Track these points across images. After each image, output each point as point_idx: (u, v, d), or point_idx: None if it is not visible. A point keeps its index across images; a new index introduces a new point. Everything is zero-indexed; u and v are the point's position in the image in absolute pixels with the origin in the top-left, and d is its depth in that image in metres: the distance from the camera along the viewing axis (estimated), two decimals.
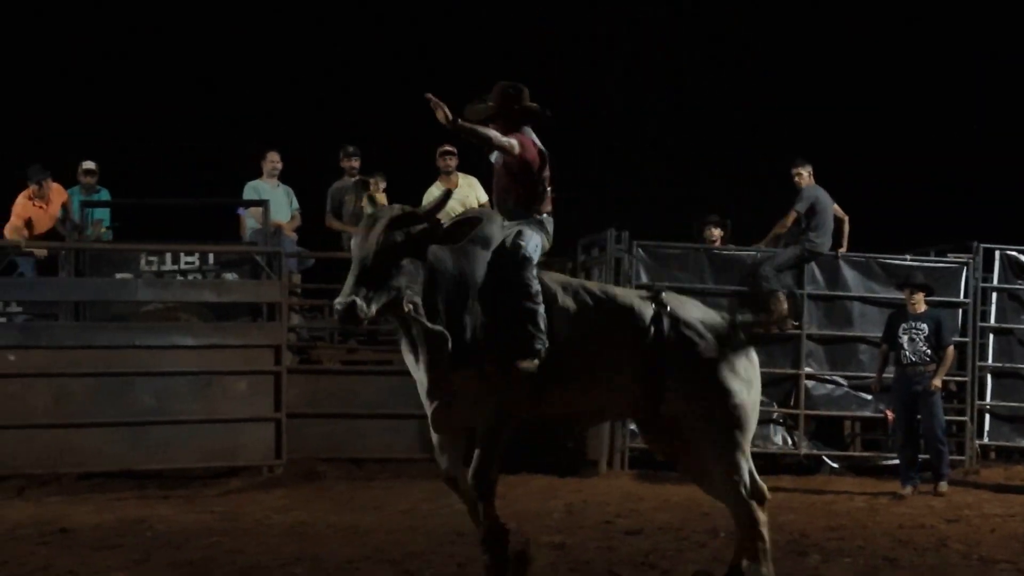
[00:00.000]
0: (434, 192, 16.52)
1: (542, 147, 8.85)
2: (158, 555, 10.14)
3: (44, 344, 14.98)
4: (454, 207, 16.19)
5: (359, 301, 7.53)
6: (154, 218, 17.68)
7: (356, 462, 15.32)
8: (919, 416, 14.30)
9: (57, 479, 14.31)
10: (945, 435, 14.66)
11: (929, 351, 14.15)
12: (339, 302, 7.61)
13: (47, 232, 16.50)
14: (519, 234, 8.56)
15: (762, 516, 8.31)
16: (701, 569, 9.55)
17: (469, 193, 16.86)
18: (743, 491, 8.33)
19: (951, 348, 14.55)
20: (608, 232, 16.04)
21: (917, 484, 14.12)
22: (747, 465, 8.45)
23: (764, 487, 8.40)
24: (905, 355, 14.23)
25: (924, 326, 14.19)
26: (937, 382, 14.35)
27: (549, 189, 8.95)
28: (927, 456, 14.39)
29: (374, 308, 7.61)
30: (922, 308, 14.39)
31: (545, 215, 8.92)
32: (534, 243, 8.60)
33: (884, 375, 15.39)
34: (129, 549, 10.57)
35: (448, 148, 16.92)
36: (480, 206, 16.42)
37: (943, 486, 14.00)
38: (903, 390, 14.32)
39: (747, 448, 8.51)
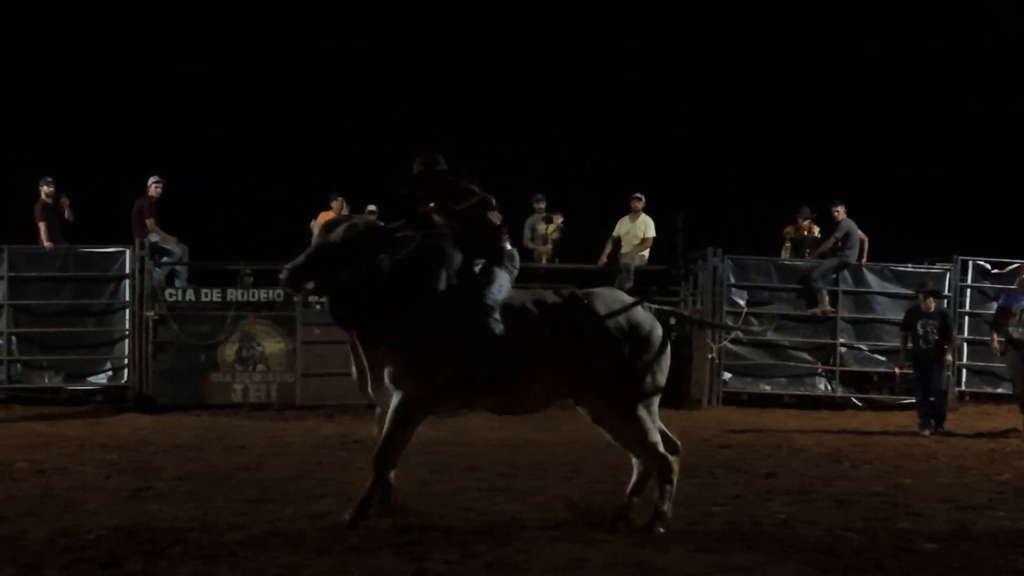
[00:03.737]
0: (626, 223, 16.58)
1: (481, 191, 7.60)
2: (416, 458, 9.30)
3: None
4: (635, 235, 16.56)
5: (293, 273, 6.85)
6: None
7: None
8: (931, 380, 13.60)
9: (352, 408, 14.34)
10: (946, 389, 14.11)
11: (937, 338, 13.51)
12: (286, 267, 6.90)
13: None
14: (489, 280, 7.30)
15: (674, 465, 7.20)
16: (770, 471, 9.84)
17: (647, 227, 16.65)
18: (658, 449, 7.19)
19: (955, 334, 14.31)
20: (708, 248, 16.05)
21: (932, 428, 13.39)
22: (654, 427, 7.24)
23: (677, 441, 7.37)
24: (921, 342, 13.58)
25: (935, 321, 13.60)
26: (949, 357, 13.95)
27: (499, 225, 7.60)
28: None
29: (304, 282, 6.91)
30: (933, 308, 13.75)
31: (509, 247, 7.62)
32: (502, 287, 7.33)
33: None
34: None
35: (638, 195, 16.64)
36: (644, 239, 16.58)
37: (939, 428, 13.34)
38: (920, 365, 13.59)
39: (652, 412, 7.28)
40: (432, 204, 7.61)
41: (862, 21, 23.65)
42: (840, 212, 16.34)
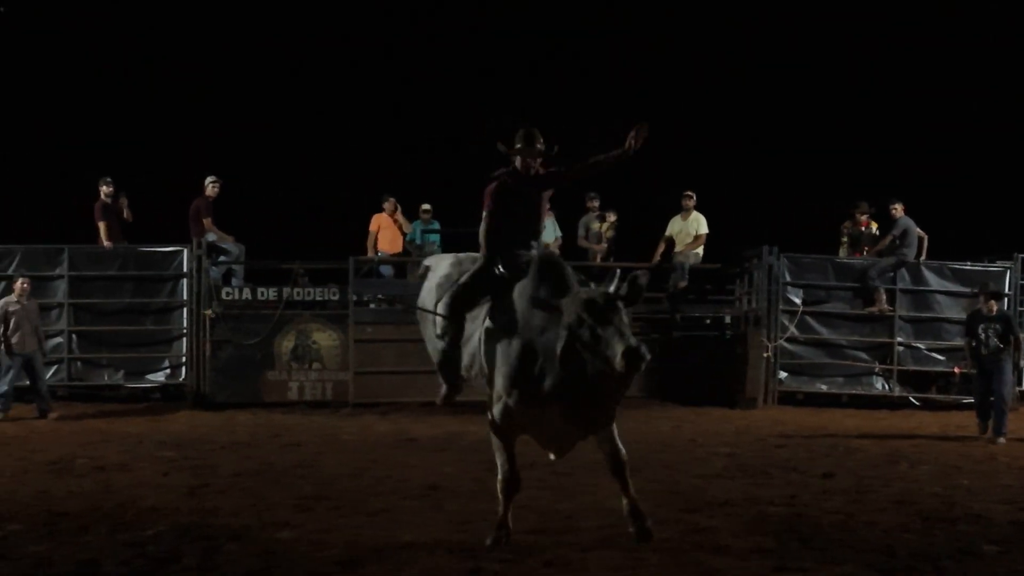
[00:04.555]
0: (678, 222, 16.35)
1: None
2: (471, 456, 10.05)
3: (390, 321, 15.25)
4: (687, 233, 16.32)
5: None
6: (468, 239, 17.22)
7: None
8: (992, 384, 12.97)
9: (406, 406, 14.47)
10: (1010, 399, 13.21)
11: (1000, 344, 12.85)
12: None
13: (400, 249, 16.63)
14: None
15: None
16: (827, 471, 9.77)
17: (699, 224, 16.27)
18: None
19: (1020, 337, 13.43)
20: (764, 247, 15.82)
21: (992, 431, 12.68)
22: None
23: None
24: (983, 347, 12.95)
25: (998, 325, 12.96)
26: (1018, 361, 13.65)
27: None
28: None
29: None
30: (995, 310, 13.16)
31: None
32: None
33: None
34: (453, 452, 10.81)
35: (689, 192, 16.31)
36: (698, 236, 16.27)
37: (1001, 441, 12.41)
38: (982, 369, 13.03)
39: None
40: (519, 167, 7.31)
41: (923, 19, 23.33)
42: (898, 210, 16.08)
